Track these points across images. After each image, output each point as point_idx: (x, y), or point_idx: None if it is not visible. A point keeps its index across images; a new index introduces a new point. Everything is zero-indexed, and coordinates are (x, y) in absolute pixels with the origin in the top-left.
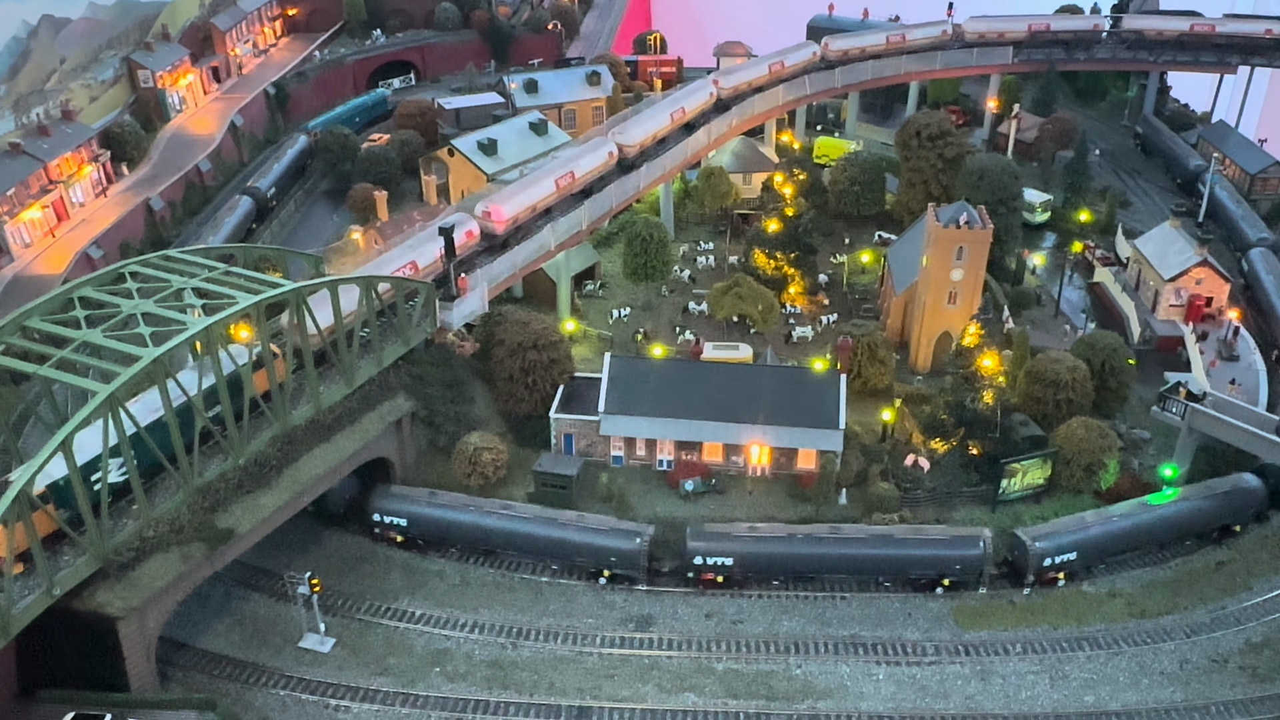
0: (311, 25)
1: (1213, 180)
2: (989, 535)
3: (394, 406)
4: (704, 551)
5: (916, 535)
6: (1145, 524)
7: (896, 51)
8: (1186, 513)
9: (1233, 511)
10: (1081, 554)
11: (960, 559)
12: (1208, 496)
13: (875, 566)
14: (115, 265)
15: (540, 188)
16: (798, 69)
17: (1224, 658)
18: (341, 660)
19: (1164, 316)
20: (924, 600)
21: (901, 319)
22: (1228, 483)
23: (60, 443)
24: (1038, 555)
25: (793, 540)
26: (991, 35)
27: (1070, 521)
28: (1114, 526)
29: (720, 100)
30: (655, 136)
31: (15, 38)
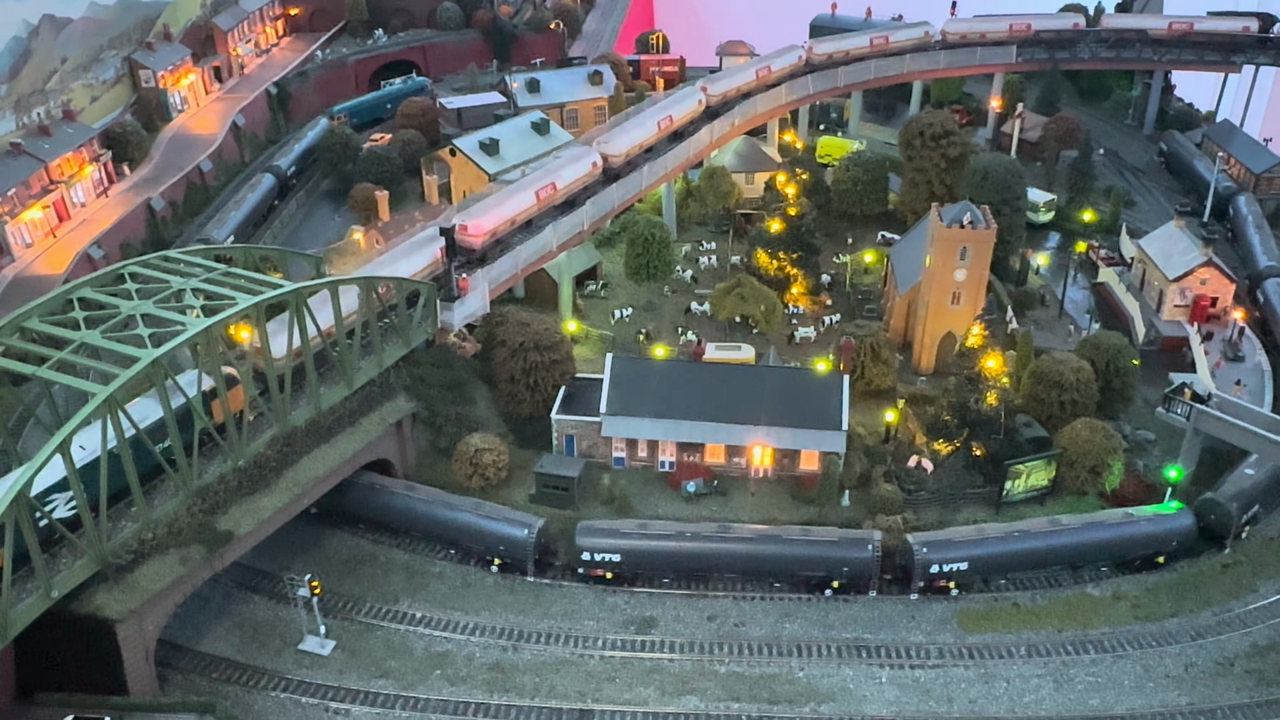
0: (313, 25)
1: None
2: (879, 538)
3: (395, 407)
4: (591, 547)
5: (805, 536)
6: (1050, 544)
7: (879, 54)
8: (1098, 537)
9: (1155, 541)
10: (974, 565)
11: (849, 561)
12: (1127, 523)
13: (764, 566)
14: (115, 266)
15: (520, 200)
16: (784, 73)
17: (1229, 661)
18: (341, 663)
19: (1169, 317)
20: (927, 603)
21: (905, 319)
22: (1154, 511)
23: (59, 444)
24: (924, 562)
25: (680, 538)
26: (973, 36)
27: (967, 531)
28: (1012, 544)
29: (709, 108)
30: (642, 146)
31: (16, 37)
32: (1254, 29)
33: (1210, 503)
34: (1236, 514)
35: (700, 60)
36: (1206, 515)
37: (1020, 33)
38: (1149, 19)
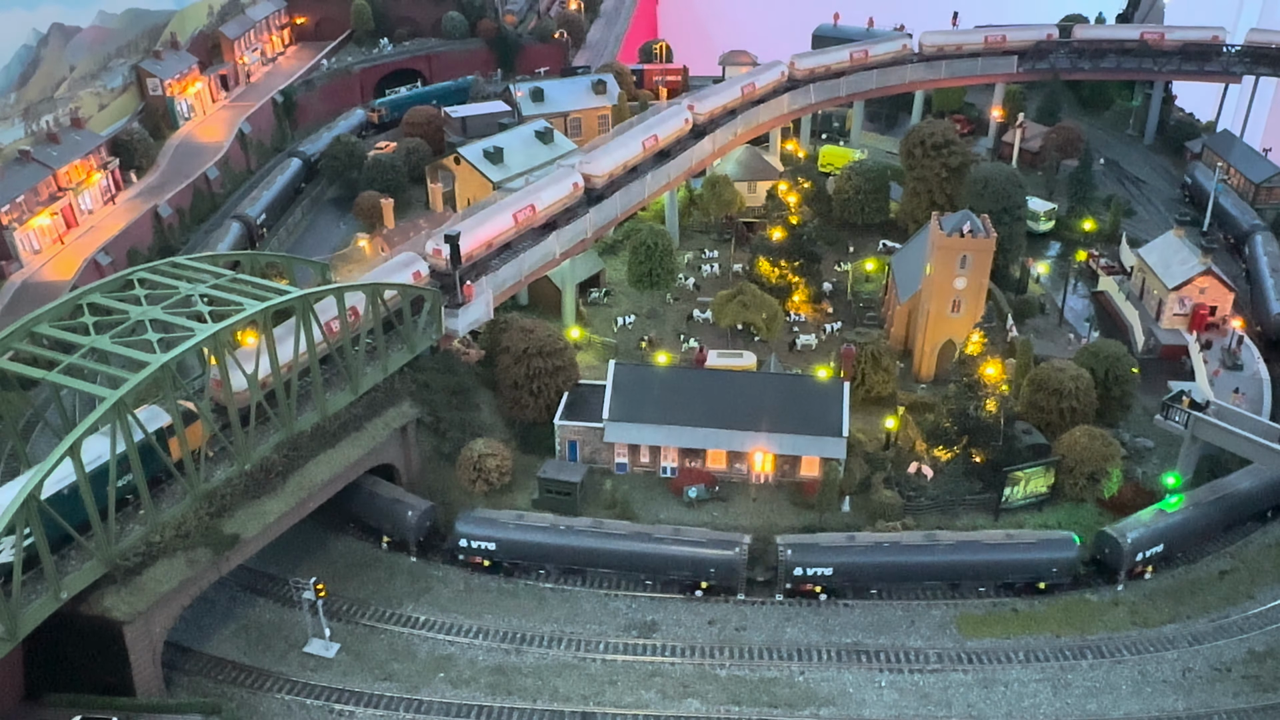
0: (319, 34)
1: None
2: (747, 541)
3: (399, 413)
4: (470, 535)
5: (675, 536)
6: (921, 560)
7: (860, 68)
8: (973, 558)
9: (1033, 568)
10: (839, 572)
11: (716, 561)
12: (1005, 545)
13: (635, 563)
14: (123, 272)
15: (497, 223)
16: (768, 89)
17: (1227, 667)
18: (346, 665)
19: (1168, 325)
20: (926, 608)
21: (905, 327)
22: (1037, 536)
23: (68, 448)
24: (790, 565)
25: (554, 531)
26: (949, 48)
27: (837, 538)
28: (880, 555)
29: (696, 126)
30: (626, 165)
31: (26, 46)
32: (1224, 39)
33: (1105, 536)
34: (1130, 551)
35: (704, 70)
36: (1100, 548)
37: (995, 44)
38: (1122, 29)
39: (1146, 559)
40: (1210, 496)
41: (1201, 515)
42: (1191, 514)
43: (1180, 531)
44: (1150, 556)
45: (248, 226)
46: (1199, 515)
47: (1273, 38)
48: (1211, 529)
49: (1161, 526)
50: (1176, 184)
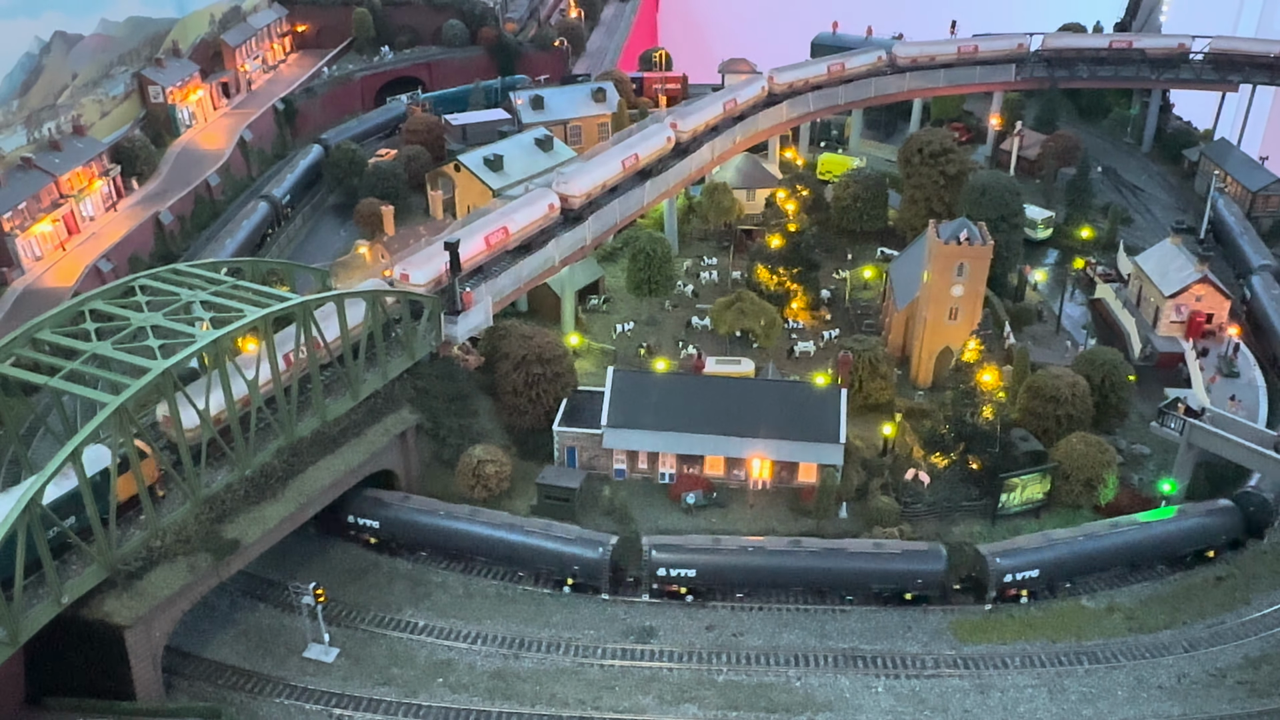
0: (320, 42)
1: None
2: (612, 542)
3: (399, 419)
4: (358, 513)
5: (544, 530)
6: (784, 565)
7: (836, 81)
8: (836, 565)
9: (898, 578)
10: (702, 573)
11: (579, 560)
12: (871, 555)
13: (507, 555)
14: (125, 279)
15: (467, 247)
16: (748, 105)
17: (1222, 673)
18: (345, 670)
19: (1165, 333)
20: (923, 614)
21: (903, 334)
22: (903, 547)
23: (69, 454)
24: (652, 565)
25: (435, 515)
26: (922, 59)
27: (700, 540)
28: (742, 558)
29: (679, 144)
30: (604, 185)
31: (28, 54)
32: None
33: (974, 554)
34: (997, 573)
35: (703, 78)
36: (970, 566)
37: (967, 55)
38: (1090, 39)
39: (1018, 582)
40: (1104, 533)
41: (1088, 549)
42: (1077, 546)
43: (1058, 561)
44: (1023, 580)
45: (274, 206)
46: (1084, 548)
47: (1237, 44)
48: (1100, 564)
49: (1036, 551)
50: (1175, 193)
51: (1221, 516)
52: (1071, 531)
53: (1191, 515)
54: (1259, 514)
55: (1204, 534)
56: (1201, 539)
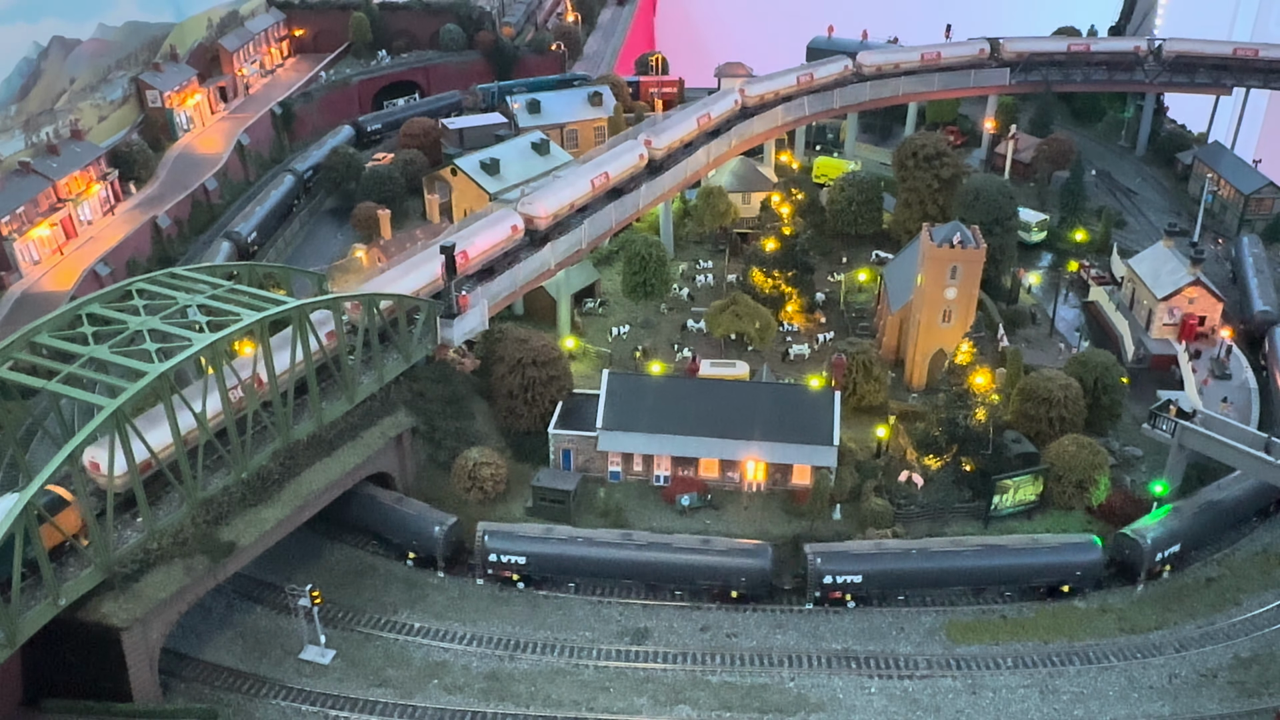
0: (318, 46)
1: None
2: (451, 522)
3: (395, 422)
4: None
5: (397, 504)
6: (616, 557)
7: (805, 91)
8: (666, 559)
9: (723, 574)
10: (533, 562)
11: (420, 537)
12: (700, 550)
13: (362, 524)
14: (122, 283)
15: (424, 272)
16: (722, 119)
17: (1213, 673)
18: (341, 672)
19: (1158, 335)
20: (916, 615)
21: (897, 337)
22: (728, 544)
23: (67, 456)
24: (485, 551)
25: (354, 497)
26: (887, 68)
27: (533, 529)
28: (571, 548)
29: (653, 162)
30: (572, 206)
31: (26, 58)
32: (1145, 49)
33: (791, 558)
34: (815, 573)
35: (700, 81)
36: (788, 568)
37: (931, 61)
38: (1051, 42)
39: (839, 585)
40: (948, 548)
41: (913, 567)
42: (903, 561)
43: (882, 572)
44: (845, 584)
45: (297, 178)
46: (908, 565)
47: (1193, 46)
48: (929, 582)
49: (860, 559)
50: (1168, 196)
51: (1081, 553)
52: (904, 544)
53: (1046, 548)
54: (1131, 558)
55: (1056, 570)
56: (1053, 574)
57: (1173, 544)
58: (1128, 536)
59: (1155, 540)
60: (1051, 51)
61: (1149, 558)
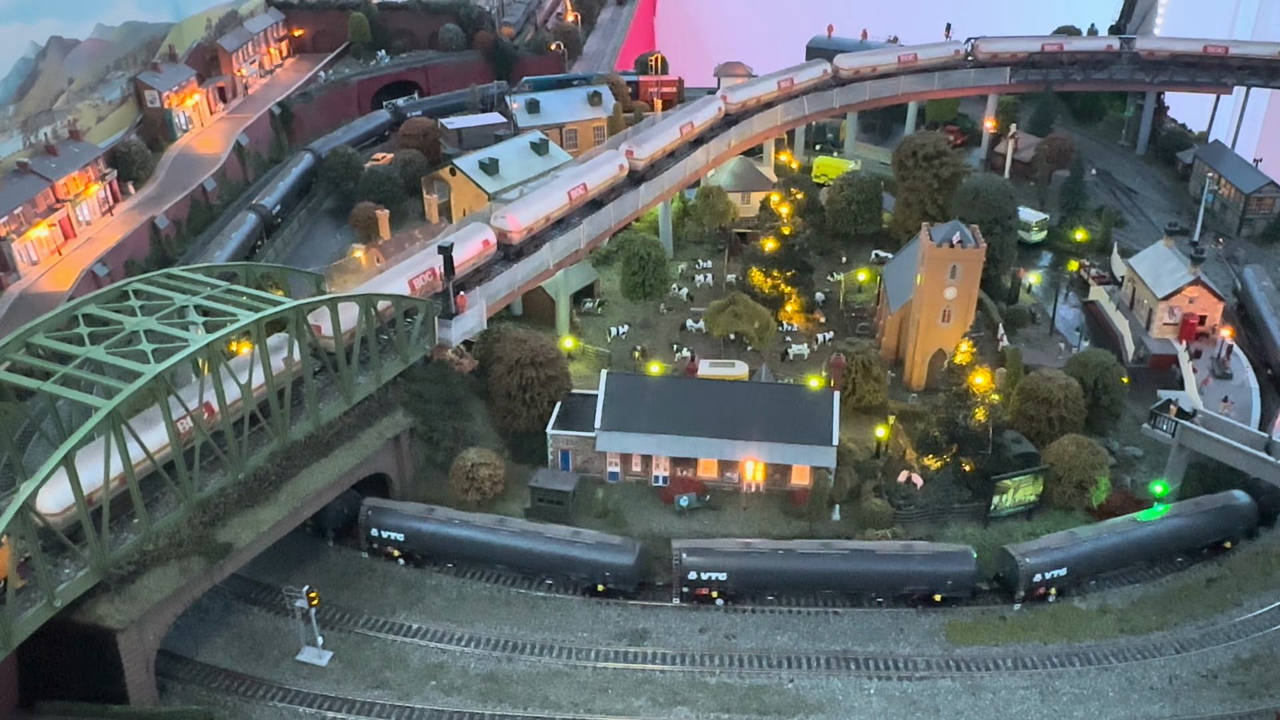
0: (317, 46)
1: None
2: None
3: (392, 423)
4: None
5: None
6: (504, 543)
7: (786, 96)
8: (538, 550)
9: (600, 569)
10: (411, 540)
11: (332, 513)
12: (571, 543)
13: None
14: (119, 283)
15: (391, 290)
16: (705, 126)
17: (1213, 673)
18: (339, 673)
19: (1158, 335)
20: (916, 616)
21: (897, 337)
22: (596, 539)
23: (62, 458)
24: (368, 524)
25: None
26: (865, 70)
27: (415, 508)
28: (452, 530)
29: (634, 172)
30: (548, 218)
31: (24, 59)
32: (1117, 48)
33: (647, 553)
34: (680, 570)
35: (699, 81)
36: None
37: (908, 63)
38: (1025, 42)
39: (705, 581)
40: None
41: (778, 561)
42: (768, 561)
43: (742, 570)
44: (709, 580)
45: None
46: (772, 564)
47: (1161, 44)
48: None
49: (727, 555)
50: (1169, 195)
51: (954, 564)
52: (773, 545)
53: (918, 556)
54: (1009, 575)
55: (927, 579)
56: (924, 582)
57: (1057, 568)
58: (1007, 554)
59: (1034, 562)
60: (1025, 51)
61: (1026, 578)
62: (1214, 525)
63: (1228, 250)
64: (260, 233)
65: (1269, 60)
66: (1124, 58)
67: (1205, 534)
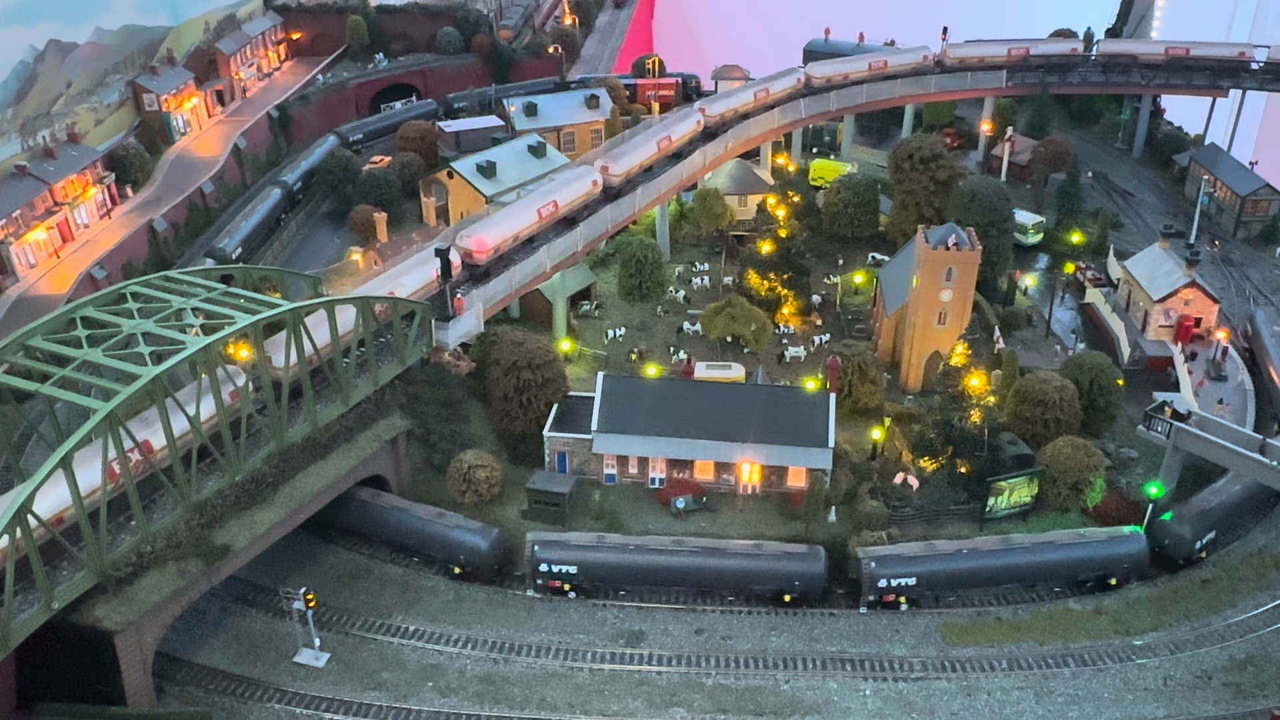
0: (315, 49)
1: None
2: None
3: (390, 425)
4: None
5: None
6: (425, 531)
7: (762, 108)
8: (407, 528)
9: (452, 550)
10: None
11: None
12: (435, 523)
13: None
14: (117, 286)
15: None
16: (683, 140)
17: (1208, 674)
18: (335, 675)
19: (1154, 337)
20: (911, 617)
21: (893, 339)
22: (465, 523)
23: (60, 460)
24: (536, 560)
25: None
26: (836, 79)
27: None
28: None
29: (609, 188)
30: (516, 238)
31: (23, 62)
32: (1080, 50)
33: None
34: (533, 561)
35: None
36: (501, 545)
37: (878, 70)
38: (989, 46)
39: (556, 574)
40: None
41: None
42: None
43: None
44: (561, 574)
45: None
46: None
47: (1124, 47)
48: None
49: (579, 549)
50: (1165, 197)
51: (802, 563)
52: (623, 540)
53: (768, 555)
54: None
55: (773, 577)
56: (770, 581)
57: (905, 576)
58: (859, 559)
59: (879, 568)
60: (990, 56)
61: (870, 582)
62: (1098, 559)
63: (1223, 253)
64: (285, 205)
65: (1230, 61)
66: (1088, 61)
67: (1087, 567)
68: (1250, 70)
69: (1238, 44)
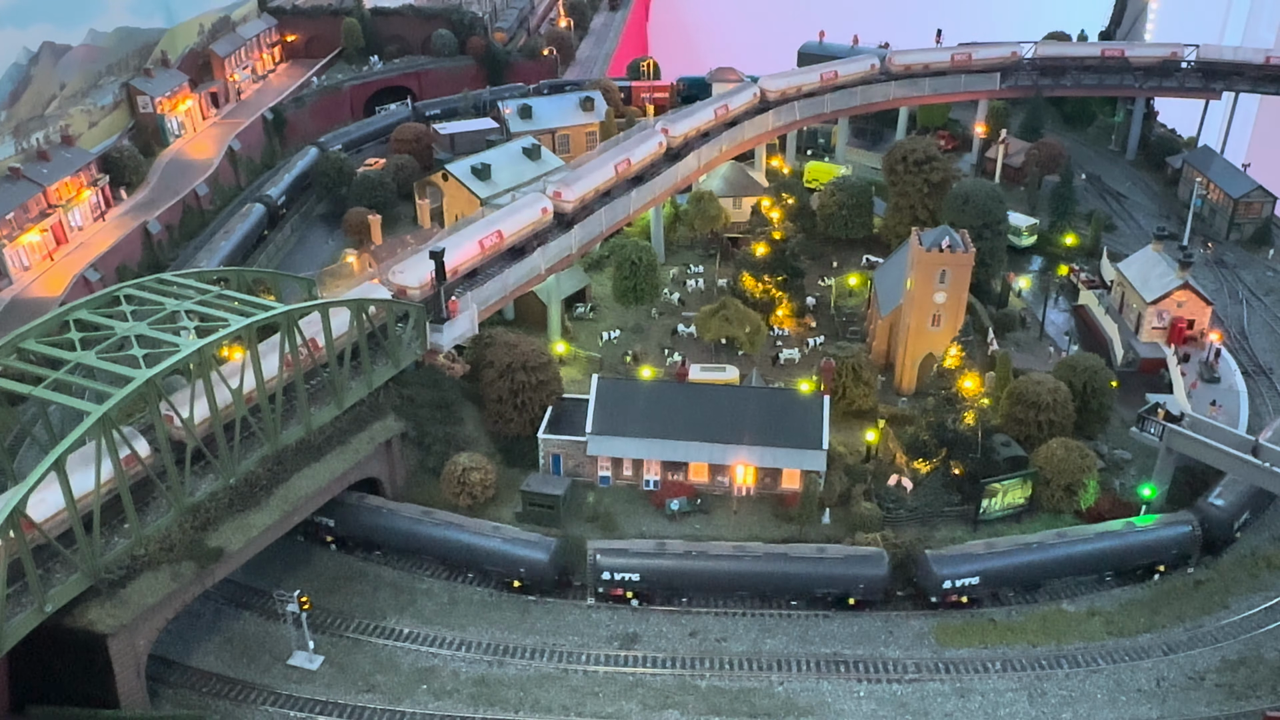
0: (310, 52)
1: None
2: None
3: (384, 427)
4: None
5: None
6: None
7: (723, 125)
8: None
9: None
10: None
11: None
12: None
13: None
14: (111, 288)
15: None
16: (645, 164)
17: (1201, 675)
18: (329, 678)
19: (1147, 339)
20: (905, 619)
21: (887, 341)
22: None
23: (53, 463)
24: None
25: None
26: (790, 91)
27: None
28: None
29: (561, 215)
30: (456, 271)
31: (16, 64)
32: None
33: None
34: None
35: None
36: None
37: (829, 81)
38: (935, 53)
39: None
40: None
41: None
42: None
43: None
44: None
45: None
46: None
47: (1061, 50)
48: None
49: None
50: (1158, 199)
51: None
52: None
53: None
54: None
55: None
56: None
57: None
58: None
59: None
60: (935, 62)
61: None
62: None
63: (1216, 255)
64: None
65: (1163, 62)
66: (1024, 66)
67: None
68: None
69: (1169, 44)
